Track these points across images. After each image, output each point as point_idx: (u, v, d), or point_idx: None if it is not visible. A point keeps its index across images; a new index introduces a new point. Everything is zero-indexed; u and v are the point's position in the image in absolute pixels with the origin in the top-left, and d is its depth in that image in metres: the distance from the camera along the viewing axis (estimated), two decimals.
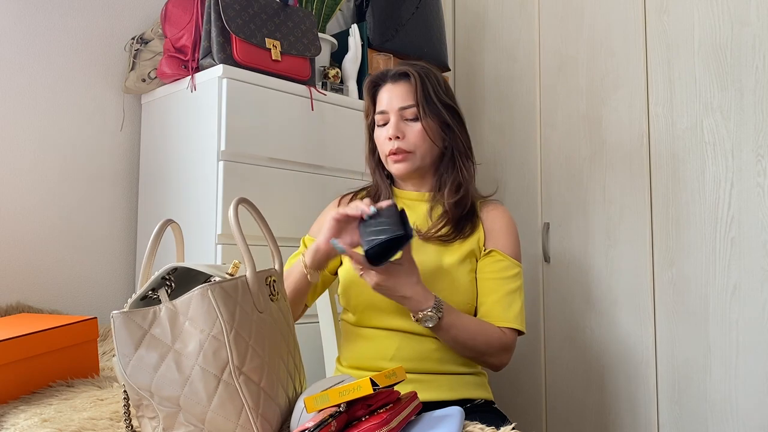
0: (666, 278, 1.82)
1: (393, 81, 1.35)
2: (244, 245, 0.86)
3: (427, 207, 1.36)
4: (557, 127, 2.11)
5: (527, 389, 2.11)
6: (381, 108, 1.35)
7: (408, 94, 1.32)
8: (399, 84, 1.34)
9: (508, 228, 1.35)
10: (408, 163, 1.32)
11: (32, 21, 1.74)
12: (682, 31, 1.83)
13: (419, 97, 1.31)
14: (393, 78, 1.35)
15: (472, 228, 1.33)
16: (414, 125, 1.32)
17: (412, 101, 1.32)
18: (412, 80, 1.33)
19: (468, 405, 1.27)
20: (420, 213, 1.35)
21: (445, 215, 1.33)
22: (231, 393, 0.79)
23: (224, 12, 1.59)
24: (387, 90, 1.35)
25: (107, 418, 0.94)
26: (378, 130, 1.36)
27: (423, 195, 1.37)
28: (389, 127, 1.33)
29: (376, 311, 1.27)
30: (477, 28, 2.40)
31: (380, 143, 1.36)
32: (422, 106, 1.31)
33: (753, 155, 1.68)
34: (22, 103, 1.72)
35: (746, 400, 1.65)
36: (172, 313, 0.80)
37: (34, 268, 1.71)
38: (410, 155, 1.32)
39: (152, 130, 1.84)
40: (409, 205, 1.36)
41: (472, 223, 1.33)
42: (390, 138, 1.32)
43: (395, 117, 1.32)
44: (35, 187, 1.73)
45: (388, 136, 1.32)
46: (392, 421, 0.77)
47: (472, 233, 1.32)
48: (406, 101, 1.32)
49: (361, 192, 1.44)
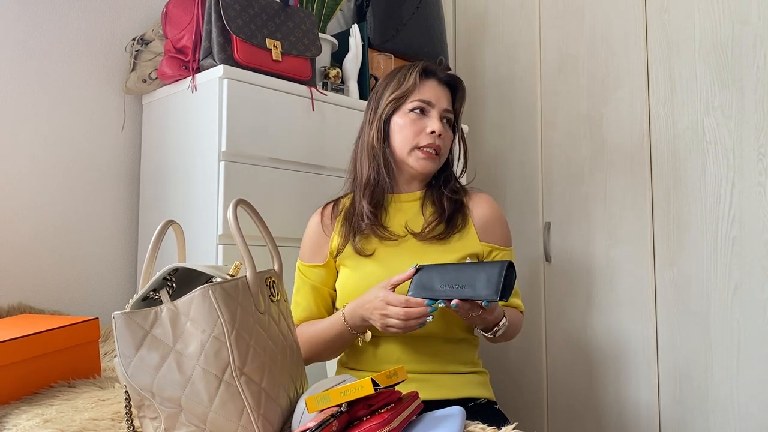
0: (667, 277, 1.81)
1: (441, 82, 1.35)
2: (244, 246, 0.86)
3: (418, 205, 1.35)
4: (558, 126, 2.11)
5: (529, 389, 2.11)
6: (428, 99, 1.31)
7: (450, 101, 1.36)
8: (446, 88, 1.35)
9: (498, 219, 1.37)
10: (435, 163, 1.33)
11: (33, 22, 1.74)
12: (683, 30, 1.83)
13: (458, 109, 1.37)
14: (443, 80, 1.35)
15: (463, 220, 1.33)
16: (448, 131, 1.35)
17: (452, 109, 1.36)
18: (459, 91, 1.37)
19: (471, 404, 1.27)
20: (412, 212, 1.35)
21: (436, 212, 1.33)
22: (232, 393, 0.79)
23: (225, 12, 1.59)
24: (435, 85, 1.34)
25: (109, 419, 0.94)
26: (409, 117, 1.31)
27: (414, 194, 1.37)
28: (434, 121, 1.30)
29: None
30: (477, 27, 2.40)
31: (411, 132, 1.30)
32: (458, 117, 1.37)
33: (754, 154, 1.68)
34: (23, 105, 1.72)
35: (747, 399, 1.65)
36: (174, 314, 0.80)
37: (35, 269, 1.71)
38: (439, 157, 1.33)
39: (153, 130, 1.84)
40: (400, 207, 1.35)
41: (463, 214, 1.34)
42: (434, 131, 1.29)
43: (439, 114, 1.32)
44: (36, 187, 1.73)
45: (431, 129, 1.29)
46: (393, 421, 0.77)
47: (465, 226, 1.33)
48: (450, 106, 1.35)
49: (344, 200, 1.39)
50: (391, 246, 1.30)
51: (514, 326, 1.31)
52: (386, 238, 1.29)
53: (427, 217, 1.32)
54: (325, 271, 1.35)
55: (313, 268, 1.35)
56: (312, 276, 1.35)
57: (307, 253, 1.37)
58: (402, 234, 1.31)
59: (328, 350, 1.29)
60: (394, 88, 1.33)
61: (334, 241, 1.34)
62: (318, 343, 1.27)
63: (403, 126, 1.31)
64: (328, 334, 1.26)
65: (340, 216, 1.36)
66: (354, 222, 1.32)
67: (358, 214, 1.32)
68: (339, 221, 1.36)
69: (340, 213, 1.37)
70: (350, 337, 1.25)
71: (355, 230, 1.31)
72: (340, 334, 1.24)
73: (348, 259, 1.31)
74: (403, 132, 1.31)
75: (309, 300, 1.34)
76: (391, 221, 1.33)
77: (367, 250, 1.29)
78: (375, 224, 1.30)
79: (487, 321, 1.18)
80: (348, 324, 1.22)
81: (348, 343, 1.28)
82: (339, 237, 1.33)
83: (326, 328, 1.26)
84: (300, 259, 1.38)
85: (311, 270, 1.35)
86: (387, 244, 1.30)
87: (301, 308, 1.35)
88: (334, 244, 1.34)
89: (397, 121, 1.32)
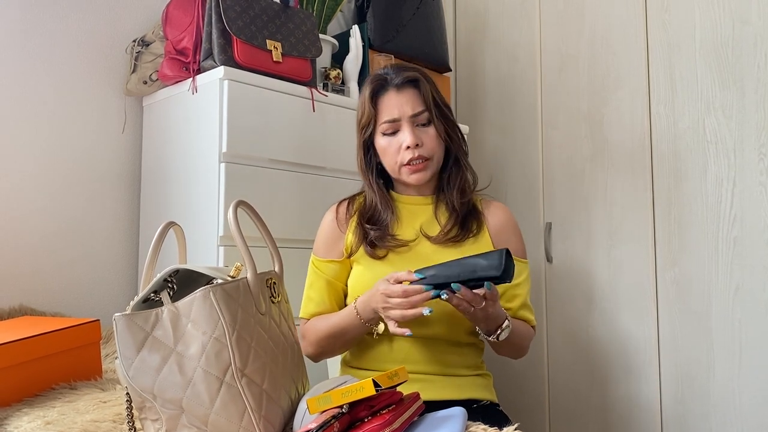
0: (668, 278, 1.81)
1: (398, 88, 1.30)
2: (245, 247, 0.86)
3: (431, 209, 1.35)
4: (559, 126, 2.10)
5: (530, 389, 2.11)
6: (390, 116, 1.29)
7: (416, 100, 1.30)
8: (405, 91, 1.30)
9: (514, 229, 1.37)
10: (428, 171, 1.30)
11: (33, 23, 1.74)
12: (683, 30, 1.82)
13: (430, 102, 1.30)
14: (398, 86, 1.30)
15: (478, 226, 1.33)
16: (428, 130, 1.30)
17: (422, 106, 1.29)
18: (421, 85, 1.30)
19: (474, 405, 1.27)
20: (426, 216, 1.35)
21: (451, 215, 1.33)
22: (233, 395, 0.79)
23: (225, 14, 1.59)
24: (392, 98, 1.30)
25: (110, 421, 0.94)
26: (385, 140, 1.30)
27: (426, 198, 1.36)
28: (406, 135, 1.27)
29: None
30: (478, 28, 2.40)
31: (391, 153, 1.30)
32: (433, 109, 1.30)
33: (755, 154, 1.68)
34: (24, 107, 1.72)
35: (749, 399, 1.65)
36: (175, 315, 0.80)
37: (36, 271, 1.71)
38: (429, 162, 1.30)
39: (154, 132, 1.85)
40: (413, 210, 1.36)
41: (478, 221, 1.34)
42: (409, 146, 1.27)
43: (409, 124, 1.28)
44: (37, 189, 1.73)
45: (406, 144, 1.27)
46: (395, 422, 0.77)
47: (480, 232, 1.33)
48: (417, 107, 1.29)
49: (359, 198, 1.40)
50: (403, 252, 1.31)
51: (522, 337, 1.30)
52: (397, 245, 1.30)
53: (442, 221, 1.33)
54: (340, 267, 1.35)
55: (329, 263, 1.35)
56: (326, 270, 1.35)
57: (322, 248, 1.37)
58: (413, 238, 1.31)
59: (340, 343, 1.30)
60: (361, 114, 1.34)
61: (348, 239, 1.35)
62: (331, 336, 1.27)
63: (384, 149, 1.31)
64: (341, 327, 1.26)
65: (355, 215, 1.36)
66: (365, 232, 1.32)
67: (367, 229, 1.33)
68: (354, 220, 1.36)
69: (355, 212, 1.37)
70: (363, 329, 1.25)
71: (366, 238, 1.32)
72: (354, 326, 1.24)
73: (362, 258, 1.32)
74: (386, 155, 1.32)
75: (323, 294, 1.34)
76: (402, 227, 1.33)
77: (380, 254, 1.31)
78: (384, 237, 1.30)
79: (489, 317, 1.16)
80: (361, 316, 1.22)
81: (360, 335, 1.28)
82: (354, 236, 1.34)
83: (340, 321, 1.26)
84: (314, 254, 1.38)
85: (326, 265, 1.35)
86: (398, 250, 1.31)
87: (315, 303, 1.34)
88: (348, 241, 1.34)
89: (378, 143, 1.32)
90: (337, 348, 1.32)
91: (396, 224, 1.33)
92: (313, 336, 1.31)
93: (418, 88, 1.31)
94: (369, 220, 1.33)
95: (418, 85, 1.31)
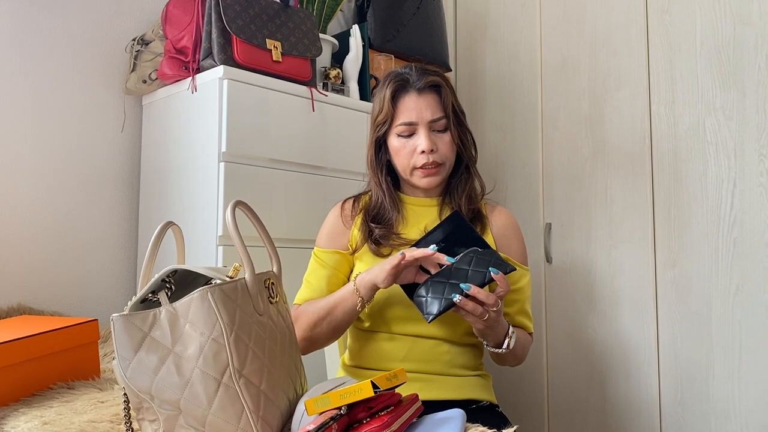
0: (668, 278, 1.81)
1: (419, 92, 1.29)
2: (243, 248, 0.85)
3: (437, 210, 1.35)
4: (559, 127, 2.10)
5: (530, 390, 2.11)
6: (408, 119, 1.28)
7: (437, 106, 1.29)
8: (426, 95, 1.29)
9: (517, 235, 1.38)
10: (440, 175, 1.30)
11: (33, 22, 1.74)
12: (684, 31, 1.82)
13: (449, 109, 1.30)
14: (420, 89, 1.29)
15: (482, 230, 1.34)
16: (444, 136, 1.30)
17: (441, 113, 1.29)
18: (442, 91, 1.30)
19: (473, 406, 1.27)
20: (431, 217, 1.35)
21: None
22: (231, 396, 0.78)
23: (225, 13, 1.59)
24: (412, 100, 1.29)
25: (108, 421, 0.94)
26: (400, 141, 1.30)
27: (432, 200, 1.36)
28: (422, 139, 1.27)
29: (389, 318, 1.28)
30: (478, 28, 2.39)
31: (405, 155, 1.30)
32: (451, 117, 1.30)
33: (755, 155, 1.67)
34: (23, 105, 1.72)
35: (749, 400, 1.65)
36: (172, 316, 0.80)
37: (34, 270, 1.71)
38: (441, 167, 1.30)
39: (153, 131, 1.84)
40: (418, 211, 1.35)
41: (482, 224, 1.35)
42: (424, 151, 1.27)
43: (425, 129, 1.28)
44: (36, 188, 1.73)
45: (421, 149, 1.27)
46: (393, 424, 0.76)
47: (483, 233, 1.34)
48: (436, 113, 1.29)
49: (364, 197, 1.40)
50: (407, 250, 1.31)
51: (522, 345, 1.31)
52: (402, 244, 1.30)
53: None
54: (342, 258, 1.34)
55: (332, 254, 1.34)
56: (329, 260, 1.33)
57: (325, 239, 1.36)
58: (417, 237, 1.31)
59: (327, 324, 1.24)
60: (378, 111, 1.33)
61: (354, 234, 1.34)
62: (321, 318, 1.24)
63: (398, 150, 1.31)
64: (332, 303, 1.23)
65: (360, 213, 1.36)
66: (370, 229, 1.32)
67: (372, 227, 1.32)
68: (359, 217, 1.36)
69: (361, 210, 1.37)
70: (353, 308, 1.21)
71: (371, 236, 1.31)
72: (345, 300, 1.21)
73: (365, 254, 1.32)
74: (399, 156, 1.31)
75: (321, 281, 1.32)
76: (407, 226, 1.33)
77: (384, 252, 1.30)
78: (388, 235, 1.30)
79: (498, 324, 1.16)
80: (359, 292, 1.20)
81: (348, 316, 1.23)
82: (359, 233, 1.33)
83: (332, 297, 1.24)
84: (317, 246, 1.37)
85: (329, 255, 1.34)
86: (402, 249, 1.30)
87: (311, 288, 1.32)
88: (353, 236, 1.34)
89: (392, 143, 1.32)
90: (324, 332, 1.25)
91: (401, 224, 1.33)
92: (303, 320, 1.26)
93: (439, 94, 1.30)
94: (374, 219, 1.33)
95: (439, 90, 1.31)
